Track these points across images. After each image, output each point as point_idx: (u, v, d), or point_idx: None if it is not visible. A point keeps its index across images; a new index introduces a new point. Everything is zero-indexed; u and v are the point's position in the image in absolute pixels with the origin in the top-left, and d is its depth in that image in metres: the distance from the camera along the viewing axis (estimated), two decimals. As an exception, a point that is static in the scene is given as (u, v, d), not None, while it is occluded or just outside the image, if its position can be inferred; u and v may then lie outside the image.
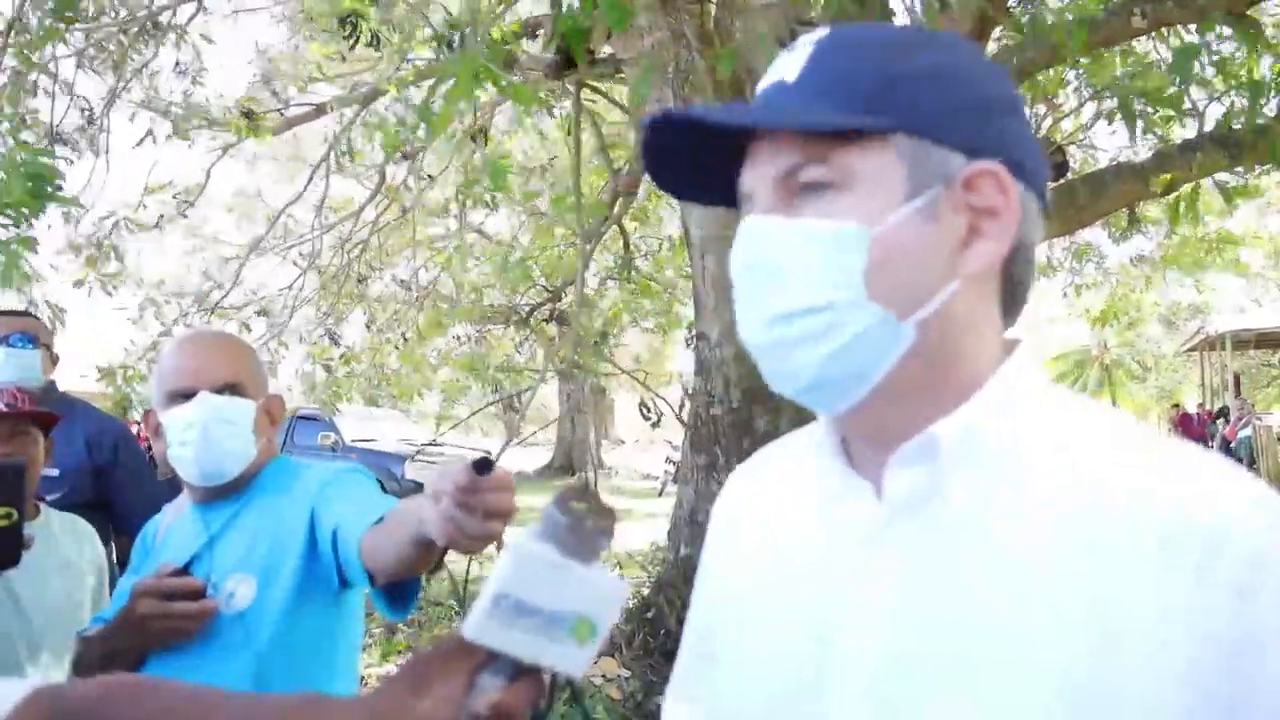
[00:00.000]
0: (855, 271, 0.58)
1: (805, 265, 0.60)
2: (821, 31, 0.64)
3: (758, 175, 0.63)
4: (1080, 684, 0.52)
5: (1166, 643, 0.52)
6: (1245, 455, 14.75)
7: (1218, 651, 0.51)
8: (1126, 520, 0.55)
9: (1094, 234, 8.59)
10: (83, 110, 5.80)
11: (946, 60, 0.61)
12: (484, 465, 0.77)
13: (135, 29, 5.61)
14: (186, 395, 1.38)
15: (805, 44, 0.64)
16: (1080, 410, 0.63)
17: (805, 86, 0.61)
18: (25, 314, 2.52)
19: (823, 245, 0.59)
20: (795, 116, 0.61)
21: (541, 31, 5.07)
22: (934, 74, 0.60)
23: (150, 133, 6.02)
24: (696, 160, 0.67)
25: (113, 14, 5.77)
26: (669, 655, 4.33)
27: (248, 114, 6.17)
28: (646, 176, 0.71)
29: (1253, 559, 0.52)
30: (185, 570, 1.36)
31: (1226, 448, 15.68)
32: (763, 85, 0.65)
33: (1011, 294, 0.65)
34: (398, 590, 1.27)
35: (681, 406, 4.80)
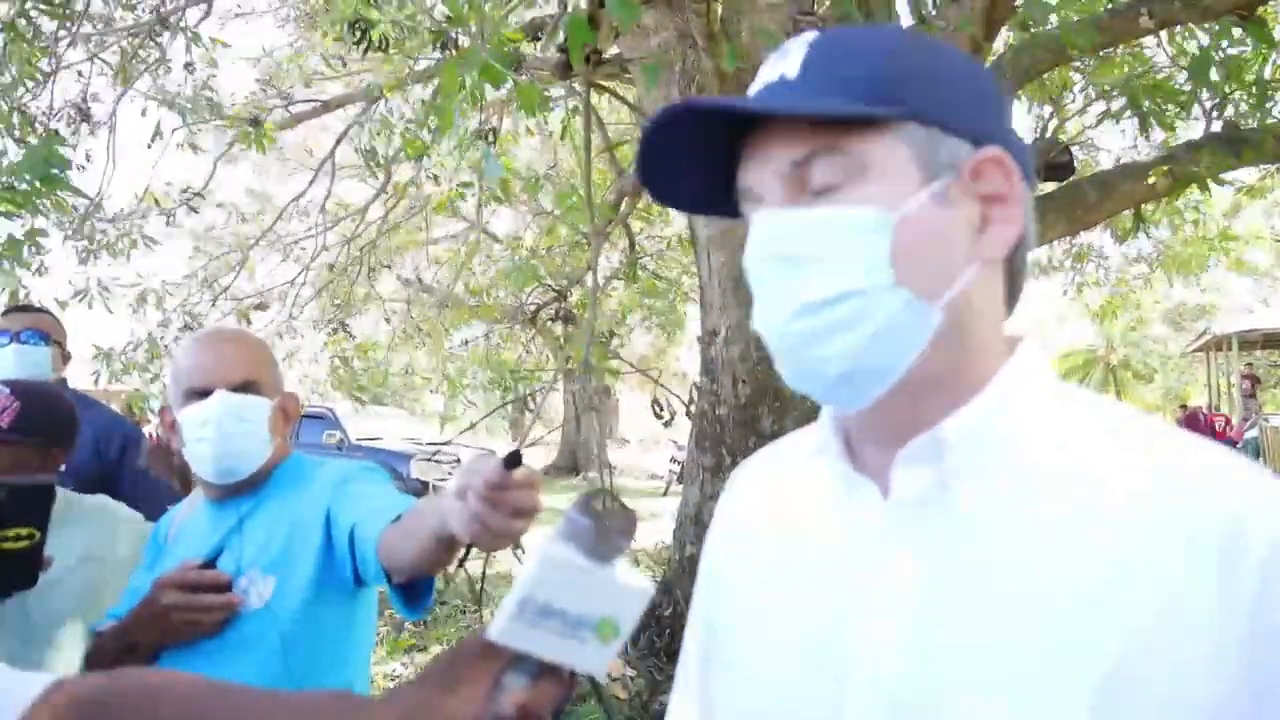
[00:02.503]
0: (882, 256, 0.59)
1: (831, 253, 0.60)
2: (812, 34, 0.65)
3: (765, 170, 0.62)
4: (1100, 680, 0.53)
5: (1185, 638, 0.52)
6: (1251, 456, 14.70)
7: (1240, 644, 0.51)
8: (1137, 518, 0.55)
9: (1095, 235, 8.55)
10: (78, 107, 5.81)
11: (940, 57, 0.63)
12: (514, 460, 0.77)
13: (143, 34, 5.62)
14: (203, 393, 1.38)
15: (800, 44, 0.64)
16: (1088, 406, 0.63)
17: (810, 81, 0.61)
18: (38, 310, 2.53)
19: (847, 232, 0.59)
20: (814, 104, 0.60)
21: (544, 32, 5.07)
22: (934, 68, 0.62)
23: (159, 132, 5.99)
24: (691, 165, 0.67)
25: (122, 16, 5.79)
26: (674, 655, 4.30)
27: (255, 121, 6.15)
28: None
29: (1271, 551, 0.52)
30: (210, 564, 1.37)
31: (1233, 448, 15.62)
32: (759, 85, 0.65)
33: (1012, 283, 0.65)
34: (413, 589, 1.28)
35: (690, 403, 4.79)
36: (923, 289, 0.59)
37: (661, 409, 4.40)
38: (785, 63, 0.63)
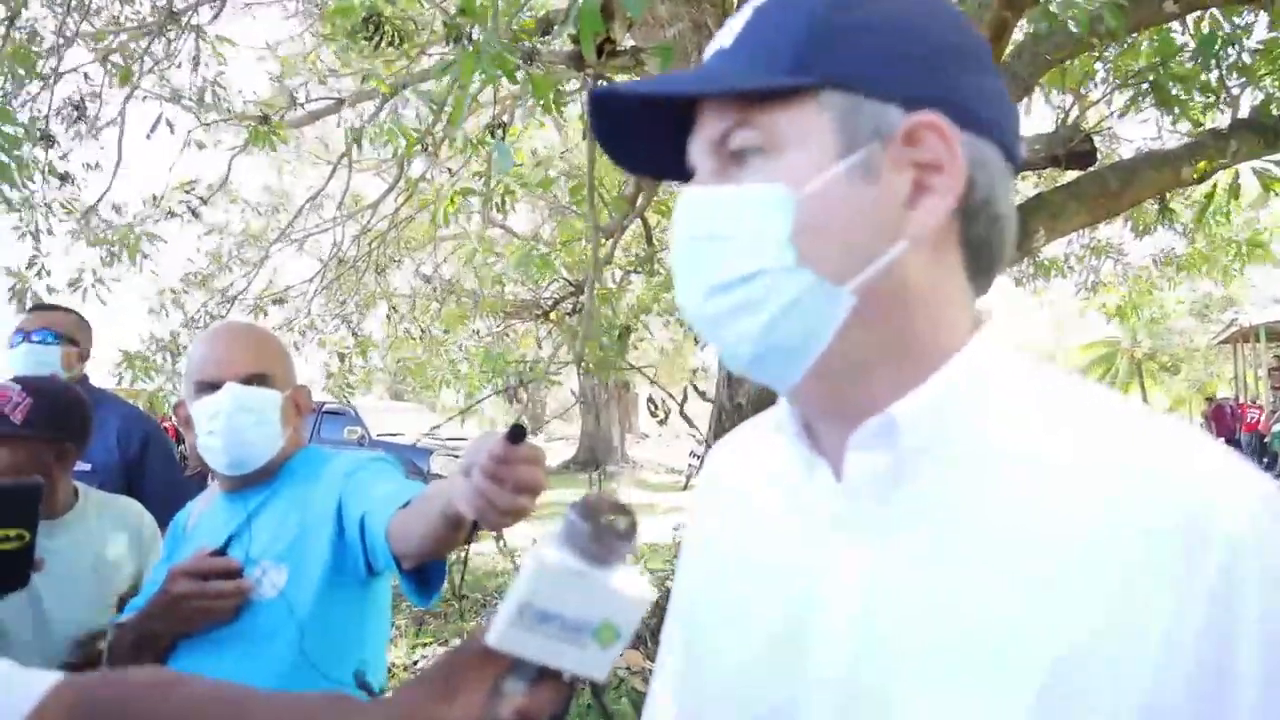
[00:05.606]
0: (782, 236, 0.55)
1: (736, 232, 0.57)
2: None
3: (697, 145, 0.61)
4: (1048, 666, 0.50)
5: (1137, 627, 0.49)
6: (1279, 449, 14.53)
7: (1195, 635, 0.48)
8: (1095, 505, 0.52)
9: (1114, 231, 8.34)
10: (74, 105, 5.83)
11: (890, 10, 0.57)
12: (518, 434, 0.76)
13: (151, 32, 5.64)
14: (214, 386, 1.40)
15: (747, 9, 0.61)
16: (1055, 388, 0.59)
17: (739, 50, 0.59)
18: (60, 309, 2.56)
19: (747, 211, 0.57)
20: (714, 82, 0.58)
21: (558, 26, 5.05)
22: (872, 25, 0.56)
23: (162, 119, 5.94)
24: (653, 135, 0.65)
25: (128, 16, 5.81)
26: (693, 648, 4.31)
27: (264, 119, 6.10)
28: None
29: (1232, 544, 0.49)
30: (221, 553, 1.38)
31: (1260, 442, 15.45)
32: (706, 53, 0.63)
33: (976, 258, 0.60)
34: (424, 575, 1.28)
35: (684, 401, 4.78)
36: (829, 270, 0.55)
37: (656, 407, 4.39)
38: (726, 31, 0.61)
